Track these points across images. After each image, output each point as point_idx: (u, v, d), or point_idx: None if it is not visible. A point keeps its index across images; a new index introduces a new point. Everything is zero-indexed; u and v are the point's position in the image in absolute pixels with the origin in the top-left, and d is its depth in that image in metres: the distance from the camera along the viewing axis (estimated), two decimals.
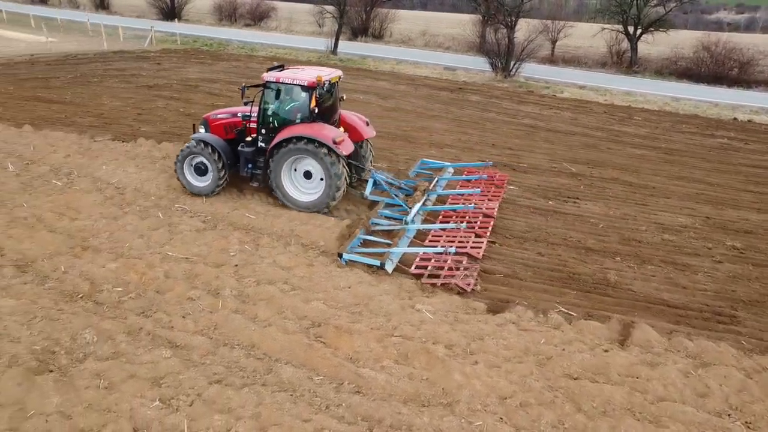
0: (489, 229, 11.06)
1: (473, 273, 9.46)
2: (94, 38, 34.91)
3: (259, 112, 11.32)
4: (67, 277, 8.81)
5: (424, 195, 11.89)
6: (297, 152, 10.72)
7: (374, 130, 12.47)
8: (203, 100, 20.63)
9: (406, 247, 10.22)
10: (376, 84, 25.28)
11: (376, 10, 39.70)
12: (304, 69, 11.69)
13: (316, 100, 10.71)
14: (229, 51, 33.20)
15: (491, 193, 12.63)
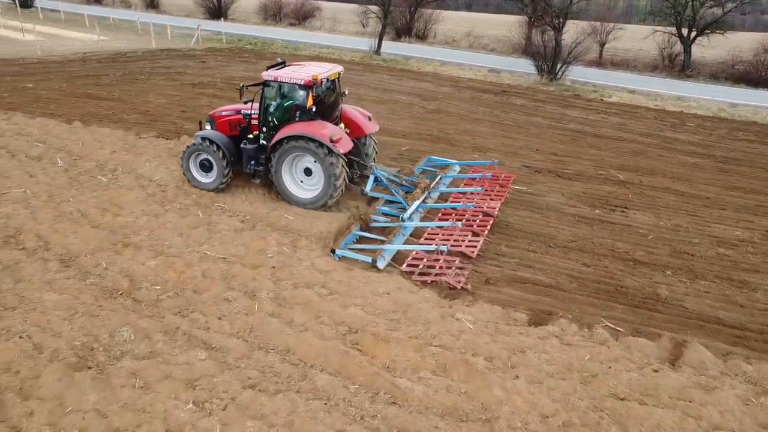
0: (487, 228, 10.89)
1: (465, 272, 9.40)
2: (144, 37, 35.73)
3: (259, 110, 11.40)
4: (108, 273, 8.89)
5: (424, 192, 11.78)
6: (296, 150, 10.78)
7: (377, 125, 12.39)
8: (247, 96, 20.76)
9: (400, 244, 10.11)
10: (420, 85, 25.01)
11: (420, 11, 39.32)
12: (304, 66, 11.71)
13: (313, 98, 10.74)
14: (273, 50, 33.45)
15: (495, 192, 12.47)
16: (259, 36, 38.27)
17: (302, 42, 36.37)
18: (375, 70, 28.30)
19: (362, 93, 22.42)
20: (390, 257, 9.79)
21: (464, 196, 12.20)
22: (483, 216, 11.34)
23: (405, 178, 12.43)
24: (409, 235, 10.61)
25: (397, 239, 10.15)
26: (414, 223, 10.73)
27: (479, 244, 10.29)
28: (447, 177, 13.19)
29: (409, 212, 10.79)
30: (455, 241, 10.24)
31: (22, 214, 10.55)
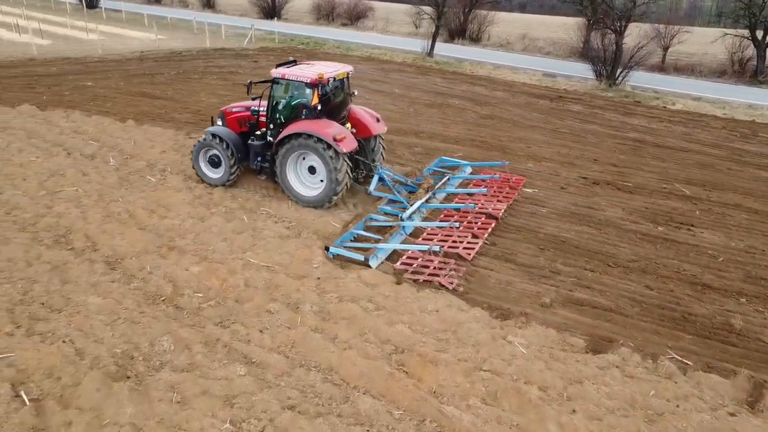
0: (488, 231, 10.68)
1: (459, 273, 9.24)
2: (199, 36, 36.34)
3: (267, 107, 11.47)
4: (152, 277, 8.78)
5: (428, 193, 11.65)
6: (300, 148, 10.80)
7: (385, 126, 12.30)
8: None
9: (396, 243, 9.96)
10: (472, 89, 24.41)
11: (474, 12, 38.54)
12: (313, 65, 11.76)
13: (318, 97, 10.74)
14: (324, 50, 33.43)
15: (503, 194, 12.27)
16: (312, 36, 38.38)
17: (354, 42, 36.25)
18: (427, 72, 27.86)
19: (414, 96, 22.03)
20: (384, 256, 9.66)
21: (470, 197, 12.06)
22: (486, 218, 11.12)
23: (410, 178, 12.41)
24: (408, 235, 10.46)
25: (393, 239, 10.07)
26: (413, 223, 10.58)
27: (477, 246, 10.07)
28: (455, 178, 13.00)
29: (408, 212, 10.70)
30: (453, 243, 10.05)
31: (73, 214, 10.62)
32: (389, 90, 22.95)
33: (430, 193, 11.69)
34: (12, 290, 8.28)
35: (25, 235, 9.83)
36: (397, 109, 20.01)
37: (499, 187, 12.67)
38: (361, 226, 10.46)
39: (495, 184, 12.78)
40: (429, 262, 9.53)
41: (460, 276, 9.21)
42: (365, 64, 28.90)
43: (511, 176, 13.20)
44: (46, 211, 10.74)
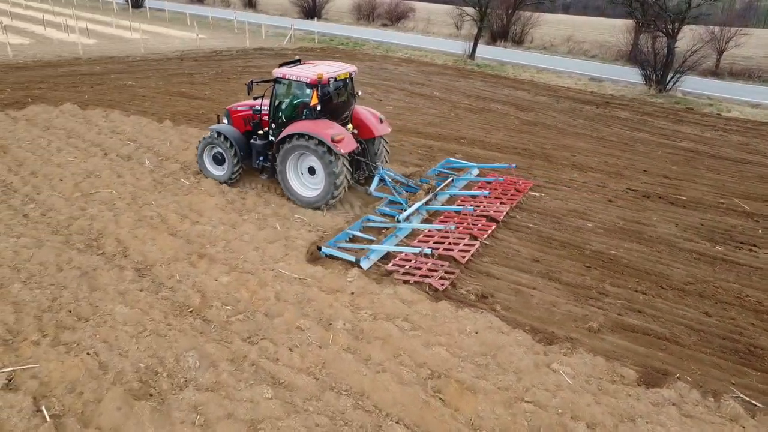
0: (487, 233, 10.45)
1: (451, 276, 9.02)
2: (239, 35, 36.50)
3: (270, 106, 11.43)
4: (181, 287, 8.51)
5: (428, 194, 11.46)
6: (300, 148, 10.76)
7: (389, 127, 12.17)
8: None
9: (389, 245, 9.78)
10: (515, 94, 23.68)
11: (517, 13, 37.63)
12: (317, 65, 11.69)
13: (318, 98, 10.63)
14: (364, 51, 33.14)
15: (507, 197, 12.05)
16: (351, 36, 38.17)
17: (394, 43, 35.86)
18: (469, 75, 27.23)
19: (455, 100, 21.47)
20: (377, 258, 9.51)
21: (473, 199, 11.84)
22: (486, 221, 10.87)
23: (412, 179, 12.28)
24: (404, 237, 10.29)
25: (387, 240, 9.92)
26: (409, 225, 10.39)
27: (473, 249, 9.82)
28: (460, 180, 12.74)
29: (405, 214, 10.51)
30: (449, 245, 9.82)
31: (105, 217, 10.48)
32: (430, 93, 22.44)
33: (430, 194, 11.47)
34: (41, 296, 8.13)
35: (58, 238, 9.72)
36: (437, 113, 19.50)
37: (504, 189, 12.43)
38: (357, 227, 10.36)
39: (500, 186, 12.54)
40: (422, 264, 9.28)
41: (452, 279, 8.99)
42: (405, 66, 28.46)
43: (518, 179, 12.96)
44: (79, 214, 10.63)
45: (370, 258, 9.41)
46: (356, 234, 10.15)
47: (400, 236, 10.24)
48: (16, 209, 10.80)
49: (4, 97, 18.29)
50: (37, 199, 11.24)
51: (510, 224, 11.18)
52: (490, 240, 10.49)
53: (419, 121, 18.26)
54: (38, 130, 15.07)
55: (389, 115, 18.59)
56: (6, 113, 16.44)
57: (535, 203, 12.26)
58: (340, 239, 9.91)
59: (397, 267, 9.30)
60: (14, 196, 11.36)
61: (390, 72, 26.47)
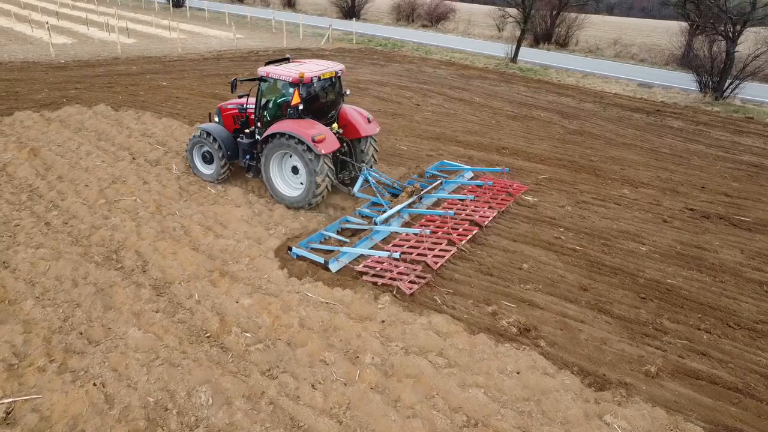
0: (466, 239, 10.10)
1: (421, 281, 8.72)
2: (277, 35, 36.23)
3: (255, 105, 11.34)
4: (199, 308, 7.95)
5: (411, 197, 11.08)
6: (282, 147, 10.66)
7: (377, 127, 11.88)
8: (371, 104, 19.70)
9: (360, 248, 9.47)
10: (559, 100, 22.59)
11: (562, 15, 36.26)
12: (303, 63, 11.54)
13: (299, 97, 10.49)
14: (403, 52, 32.41)
15: (497, 202, 11.69)
16: (390, 37, 37.50)
17: (433, 45, 35.04)
18: (510, 80, 26.20)
19: (496, 106, 20.54)
20: (348, 261, 9.25)
21: (461, 202, 11.46)
22: (469, 225, 10.57)
23: (397, 181, 11.97)
24: (380, 240, 9.98)
25: (361, 243, 9.68)
26: (387, 228, 10.02)
27: (448, 255, 9.45)
28: (450, 183, 12.29)
29: (383, 216, 10.20)
30: (424, 250, 9.49)
31: (127, 227, 10.04)
32: (470, 98, 21.56)
33: (414, 197, 11.10)
34: (53, 315, 7.69)
35: (76, 250, 9.30)
36: (478, 120, 18.62)
37: (494, 194, 12.06)
38: (334, 228, 10.17)
39: (489, 190, 12.13)
40: (394, 267, 9.01)
41: (422, 284, 8.67)
42: (445, 69, 27.62)
43: (512, 183, 12.62)
44: (101, 223, 10.23)
45: (340, 260, 9.17)
46: (331, 235, 9.94)
47: (376, 239, 9.93)
48: (39, 216, 10.48)
49: (42, 98, 18.21)
50: (60, 205, 10.89)
51: (554, 246, 10.31)
52: (532, 263, 9.66)
53: (458, 128, 17.44)
54: (70, 132, 14.85)
55: (427, 121, 17.90)
56: (41, 114, 16.30)
57: (582, 222, 11.33)
58: (313, 240, 9.68)
59: (368, 269, 9.03)
60: (39, 202, 11.06)
61: (429, 75, 25.69)
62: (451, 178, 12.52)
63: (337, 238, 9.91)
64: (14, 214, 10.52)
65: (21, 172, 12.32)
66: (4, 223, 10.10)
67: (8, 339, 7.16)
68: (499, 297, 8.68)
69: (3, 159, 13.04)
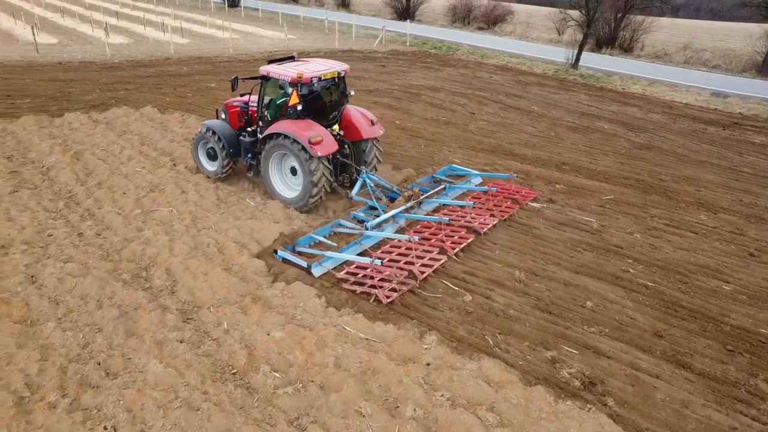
0: (459, 247, 9.64)
1: (402, 289, 8.38)
2: (329, 36, 35.79)
3: (258, 103, 11.27)
4: (227, 339, 7.27)
5: (408, 202, 10.69)
6: (280, 148, 10.53)
7: (381, 129, 11.55)
8: (423, 111, 18.82)
9: (350, 254, 9.14)
10: (624, 110, 21.08)
11: (628, 17, 34.23)
12: (306, 62, 11.34)
13: (298, 97, 10.31)
14: (457, 56, 31.34)
15: (501, 209, 11.12)
16: (445, 39, 36.45)
17: (489, 48, 33.81)
18: (571, 87, 24.75)
19: (555, 117, 19.27)
20: (332, 266, 8.89)
21: (461, 209, 10.95)
22: (466, 232, 10.07)
23: (396, 185, 11.64)
24: (370, 246, 9.62)
25: (348, 248, 9.35)
26: (377, 233, 9.72)
27: (436, 265, 9.01)
28: (453, 188, 11.80)
29: (375, 221, 9.88)
30: (413, 258, 9.08)
31: (160, 241, 9.51)
32: (527, 107, 20.34)
33: (411, 202, 10.70)
34: (73, 340, 7.17)
35: (105, 266, 8.80)
36: (536, 131, 17.44)
37: (500, 200, 11.51)
38: (325, 232, 9.91)
39: (493, 197, 11.57)
40: (377, 274, 8.64)
41: (402, 293, 8.31)
42: (501, 75, 26.42)
43: (520, 189, 12.09)
44: (134, 236, 9.74)
45: (323, 265, 8.84)
46: (320, 239, 9.65)
47: (366, 245, 9.58)
48: (73, 226, 10.10)
49: (92, 99, 18.19)
50: (96, 215, 10.50)
51: (622, 280, 9.18)
52: (598, 300, 8.58)
53: (515, 140, 16.33)
54: (114, 135, 14.59)
55: (482, 131, 16.87)
56: (89, 116, 16.19)
57: (653, 253, 10.13)
58: (302, 243, 9.46)
59: (349, 276, 8.69)
60: (75, 210, 10.71)
61: (484, 81, 24.57)
62: (457, 183, 12.04)
63: (326, 242, 9.56)
64: (49, 222, 10.17)
65: (62, 176, 12.05)
66: (38, 233, 9.73)
67: (23, 367, 6.66)
68: (559, 340, 7.66)
69: (47, 162, 12.84)
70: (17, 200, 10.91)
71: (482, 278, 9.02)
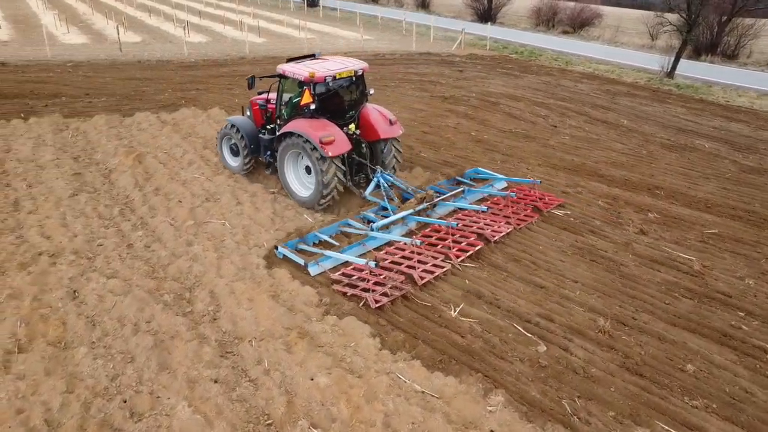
0: (465, 255, 9.17)
1: (395, 293, 8.05)
2: (406, 38, 34.91)
3: (276, 101, 11.29)
4: (266, 382, 6.49)
5: (419, 205, 10.39)
6: (294, 147, 10.49)
7: (400, 129, 11.31)
8: (501, 122, 17.52)
9: (349, 255, 8.90)
10: (729, 126, 18.84)
11: (734, 21, 31.02)
12: (325, 61, 11.21)
13: (311, 96, 10.26)
14: (540, 62, 29.62)
15: (519, 217, 10.55)
16: (527, 44, 34.69)
17: (575, 54, 31.81)
18: (665, 99, 22.55)
19: (648, 132, 17.41)
20: (330, 266, 8.74)
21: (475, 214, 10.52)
22: (475, 239, 9.59)
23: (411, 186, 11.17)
24: (375, 248, 9.37)
25: (349, 248, 9.16)
26: (382, 235, 9.45)
27: (438, 272, 8.65)
28: (472, 192, 11.36)
29: (381, 222, 9.69)
30: (415, 262, 8.74)
31: (208, 259, 8.91)
32: (615, 120, 18.55)
33: (424, 204, 10.40)
34: (102, 370, 6.60)
35: (149, 284, 8.28)
36: (625, 149, 15.75)
37: (520, 207, 10.91)
38: (331, 231, 9.78)
39: (514, 203, 10.98)
40: (373, 277, 8.31)
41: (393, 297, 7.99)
42: (587, 83, 24.56)
43: (543, 195, 11.44)
44: (183, 251, 9.19)
45: (321, 265, 8.69)
46: (324, 237, 9.54)
47: (369, 246, 9.32)
48: (124, 236, 9.70)
49: (163, 99, 18.17)
50: (149, 224, 10.08)
51: (732, 339, 7.69)
52: (701, 363, 7.16)
53: (601, 158, 14.76)
54: (179, 138, 14.31)
55: (564, 147, 15.41)
56: (158, 116, 16.08)
57: None
58: (306, 241, 9.35)
59: (343, 277, 8.43)
60: (129, 218, 10.35)
61: (568, 90, 22.87)
62: (477, 187, 11.66)
63: (330, 241, 9.44)
64: (101, 231, 9.81)
65: (122, 180, 11.79)
66: (88, 242, 9.38)
67: (47, 399, 6.13)
68: (652, 413, 6.37)
69: (110, 164, 12.66)
70: (75, 204, 10.68)
71: (560, 324, 7.82)
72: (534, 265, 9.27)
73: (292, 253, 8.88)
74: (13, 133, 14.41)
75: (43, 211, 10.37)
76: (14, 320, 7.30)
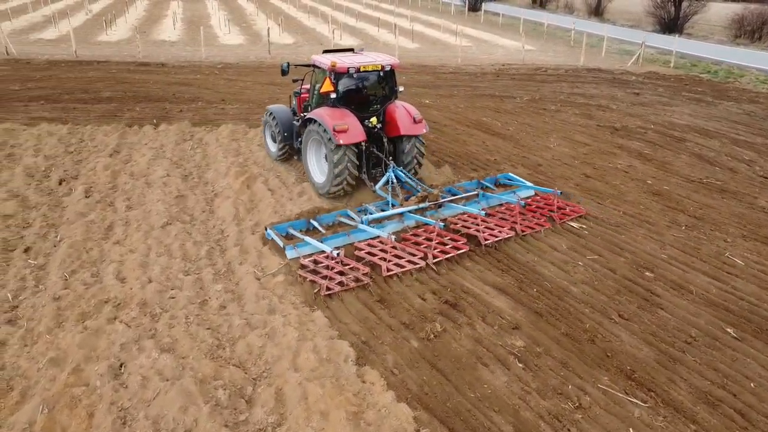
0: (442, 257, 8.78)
1: (350, 283, 7.97)
2: (574, 50, 31.12)
3: (310, 91, 11.70)
4: None
5: (421, 203, 10.13)
6: (313, 134, 10.78)
7: (424, 128, 11.12)
8: (687, 167, 13.72)
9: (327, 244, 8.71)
10: None
11: None
12: (359, 55, 11.40)
13: (332, 85, 10.47)
14: (741, 85, 24.42)
15: (526, 224, 9.97)
16: (723, 60, 29.13)
17: None
18: None
19: None
20: (307, 251, 8.69)
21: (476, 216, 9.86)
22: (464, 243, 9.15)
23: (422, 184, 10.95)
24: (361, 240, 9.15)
25: (332, 238, 9.10)
26: (371, 229, 9.23)
27: (408, 267, 8.42)
28: (491, 197, 10.94)
29: (371, 217, 9.61)
30: (389, 256, 8.57)
31: (288, 338, 7.01)
32: None
33: (426, 203, 10.18)
34: None
35: (204, 368, 6.54)
36: None
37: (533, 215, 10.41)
38: (327, 219, 9.82)
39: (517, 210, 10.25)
40: (338, 266, 8.24)
41: (348, 286, 7.91)
42: None
43: (564, 205, 10.78)
44: (260, 320, 7.38)
45: (298, 249, 8.70)
46: (315, 225, 9.62)
47: (353, 238, 9.26)
48: (202, 287, 8.15)
49: None
50: (234, 273, 8.55)
51: None
52: None
53: None
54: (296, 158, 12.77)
55: None
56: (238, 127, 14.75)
57: None
58: (296, 226, 9.45)
59: (310, 263, 8.39)
60: (215, 262, 8.84)
61: None
62: (496, 193, 11.28)
63: (319, 229, 9.53)
64: (179, 277, 8.35)
65: (223, 209, 10.46)
66: (160, 291, 7.93)
67: None
68: None
69: (218, 186, 11.46)
70: (164, 237, 9.42)
71: None
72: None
73: (278, 236, 8.99)
74: (140, 141, 13.89)
75: (130, 242, 9.23)
76: (38, 402, 5.91)
